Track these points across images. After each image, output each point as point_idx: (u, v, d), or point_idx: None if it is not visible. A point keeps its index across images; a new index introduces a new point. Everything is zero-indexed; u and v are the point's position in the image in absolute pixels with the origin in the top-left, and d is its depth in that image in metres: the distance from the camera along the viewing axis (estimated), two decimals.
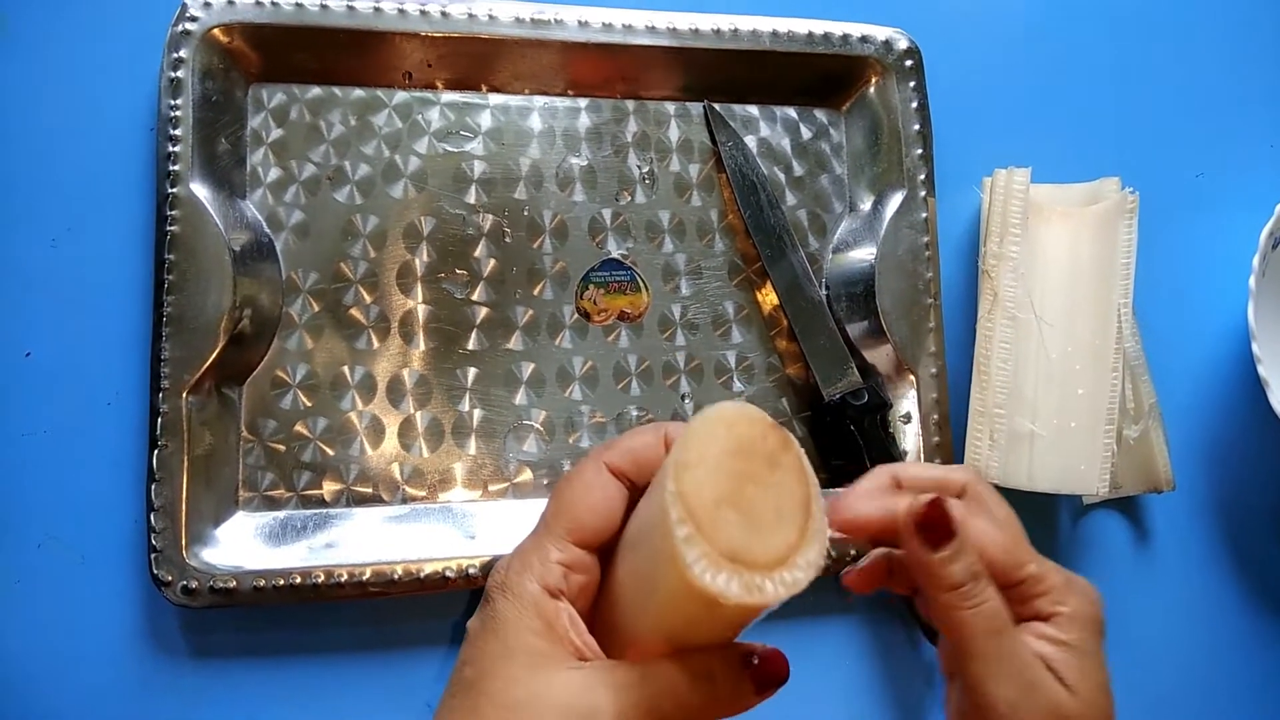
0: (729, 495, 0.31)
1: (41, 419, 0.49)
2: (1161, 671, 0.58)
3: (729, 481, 0.31)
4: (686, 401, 0.54)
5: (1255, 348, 0.53)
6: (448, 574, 0.48)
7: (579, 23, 0.54)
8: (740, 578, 0.30)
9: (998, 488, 0.51)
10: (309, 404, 0.51)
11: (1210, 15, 0.64)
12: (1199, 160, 0.63)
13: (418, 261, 0.53)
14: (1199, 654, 0.58)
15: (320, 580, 0.47)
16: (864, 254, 0.56)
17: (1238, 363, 0.60)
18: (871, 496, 0.40)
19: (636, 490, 0.39)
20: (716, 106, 0.57)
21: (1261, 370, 0.53)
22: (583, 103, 0.56)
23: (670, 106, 0.57)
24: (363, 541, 0.49)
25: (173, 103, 0.49)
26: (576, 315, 0.54)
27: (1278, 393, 0.54)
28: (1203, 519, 0.59)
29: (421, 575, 0.48)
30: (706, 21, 0.55)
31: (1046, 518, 0.58)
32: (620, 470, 0.39)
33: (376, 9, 0.52)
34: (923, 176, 0.56)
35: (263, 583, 0.47)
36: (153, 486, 0.46)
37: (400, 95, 0.54)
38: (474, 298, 0.53)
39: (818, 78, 0.58)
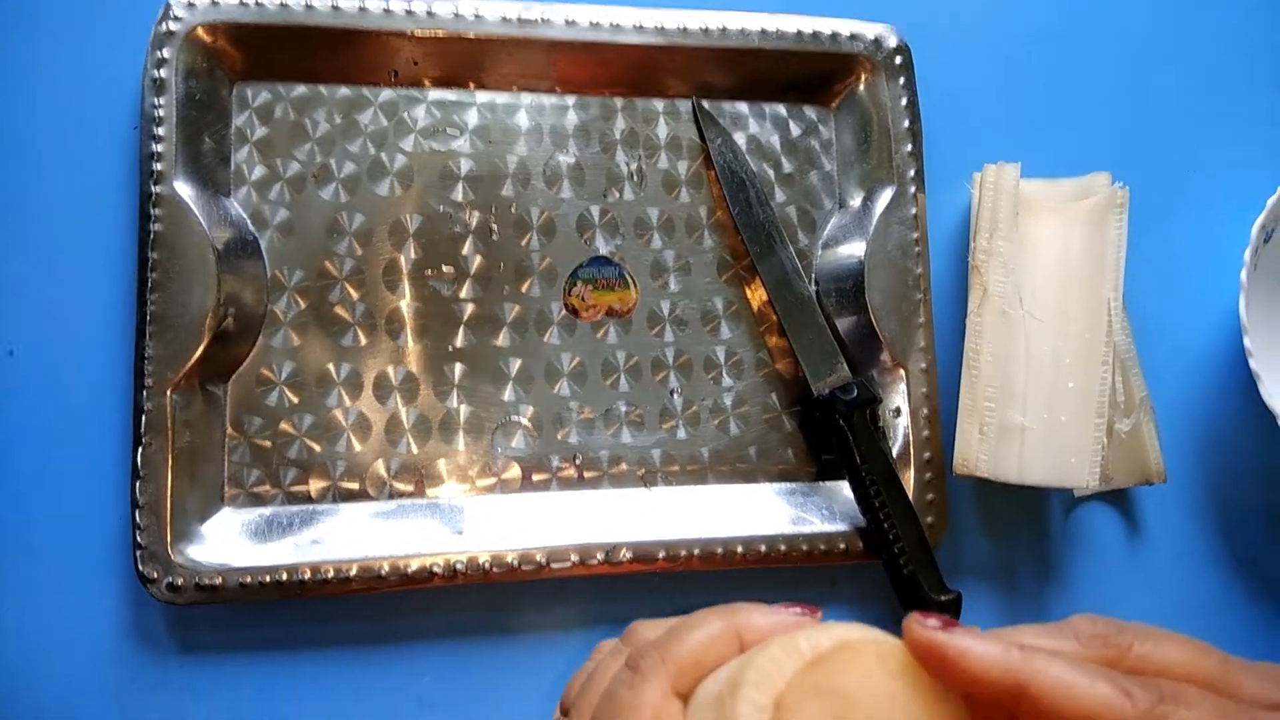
0: None
1: (25, 417, 0.49)
2: None
3: None
4: (675, 397, 0.54)
5: (1247, 341, 0.53)
6: (435, 569, 0.48)
7: (566, 21, 0.54)
8: None
9: (990, 482, 0.51)
10: (295, 401, 0.51)
11: (1202, 9, 0.64)
12: (1190, 154, 0.63)
13: (404, 259, 0.52)
14: None
15: (307, 577, 0.47)
16: (853, 250, 0.56)
17: (1229, 356, 0.60)
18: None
19: None
20: (705, 103, 0.57)
21: (1253, 364, 0.53)
22: (570, 100, 0.56)
23: (658, 103, 0.57)
24: (349, 538, 0.49)
25: (156, 101, 0.49)
26: (564, 312, 0.54)
27: (1269, 386, 0.53)
28: (1194, 511, 0.59)
29: (408, 571, 0.48)
30: (694, 19, 0.55)
31: (1037, 511, 0.57)
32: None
33: (362, 8, 0.52)
34: (912, 173, 0.56)
35: (249, 579, 0.46)
36: (137, 484, 0.46)
37: (386, 93, 0.54)
38: (461, 295, 0.53)
39: (807, 75, 0.58)
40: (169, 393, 0.47)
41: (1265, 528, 0.60)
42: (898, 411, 0.55)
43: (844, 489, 0.54)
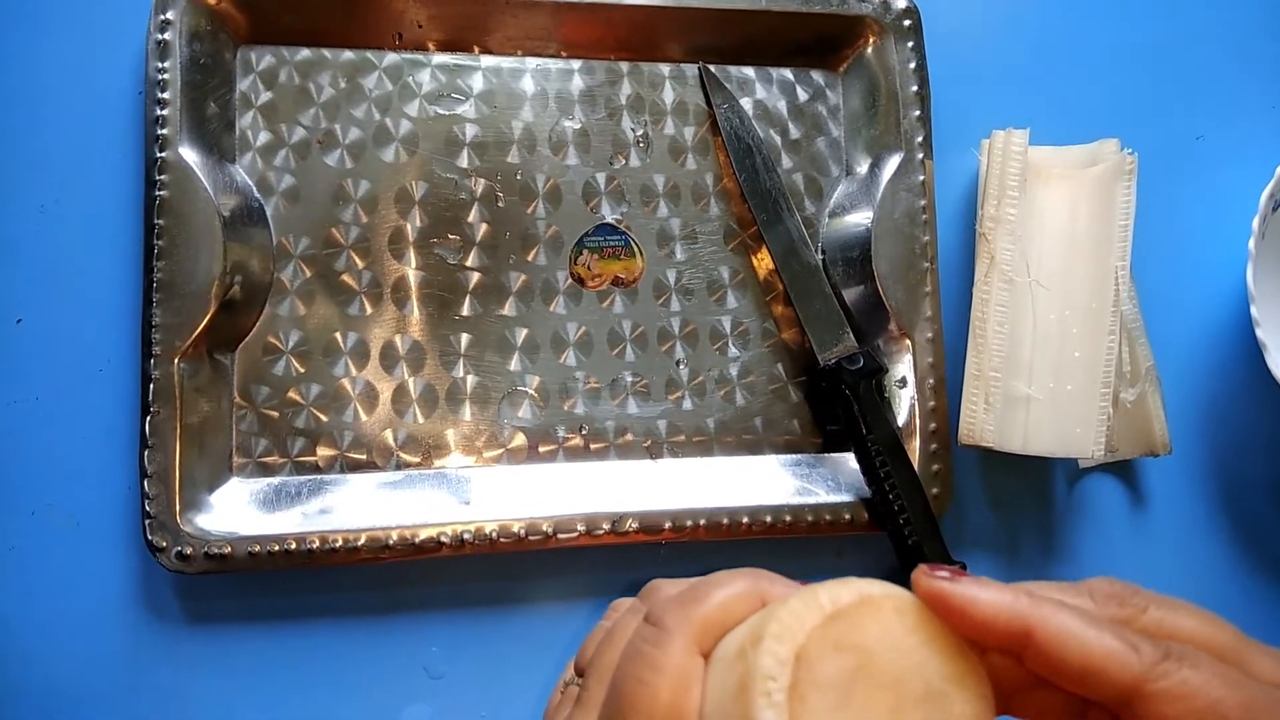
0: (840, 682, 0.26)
1: (34, 386, 0.49)
2: None
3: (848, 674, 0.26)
4: (681, 367, 0.54)
5: (1254, 310, 0.53)
6: (442, 539, 0.48)
7: None
8: None
9: (994, 453, 0.52)
10: (302, 370, 0.50)
11: None
12: (1199, 122, 0.62)
13: (410, 226, 0.52)
14: None
15: (315, 546, 0.47)
16: (860, 218, 0.55)
17: (1236, 326, 0.60)
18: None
19: None
20: (712, 68, 0.56)
21: (1260, 333, 0.53)
22: (576, 64, 0.55)
23: (665, 68, 0.56)
24: (357, 507, 0.49)
25: (160, 65, 0.48)
26: (570, 280, 0.54)
27: (1276, 356, 0.53)
28: (1199, 483, 0.59)
29: (416, 540, 0.48)
30: None
31: (1042, 482, 0.58)
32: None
33: None
34: (920, 139, 0.56)
35: (257, 548, 0.47)
36: (145, 453, 0.46)
37: (391, 57, 0.53)
38: (467, 263, 0.53)
39: (814, 38, 0.57)
40: (176, 361, 0.47)
41: (1270, 499, 0.60)
42: (903, 382, 0.55)
43: (849, 460, 0.54)
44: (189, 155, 0.48)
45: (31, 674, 0.47)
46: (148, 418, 0.46)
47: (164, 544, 0.46)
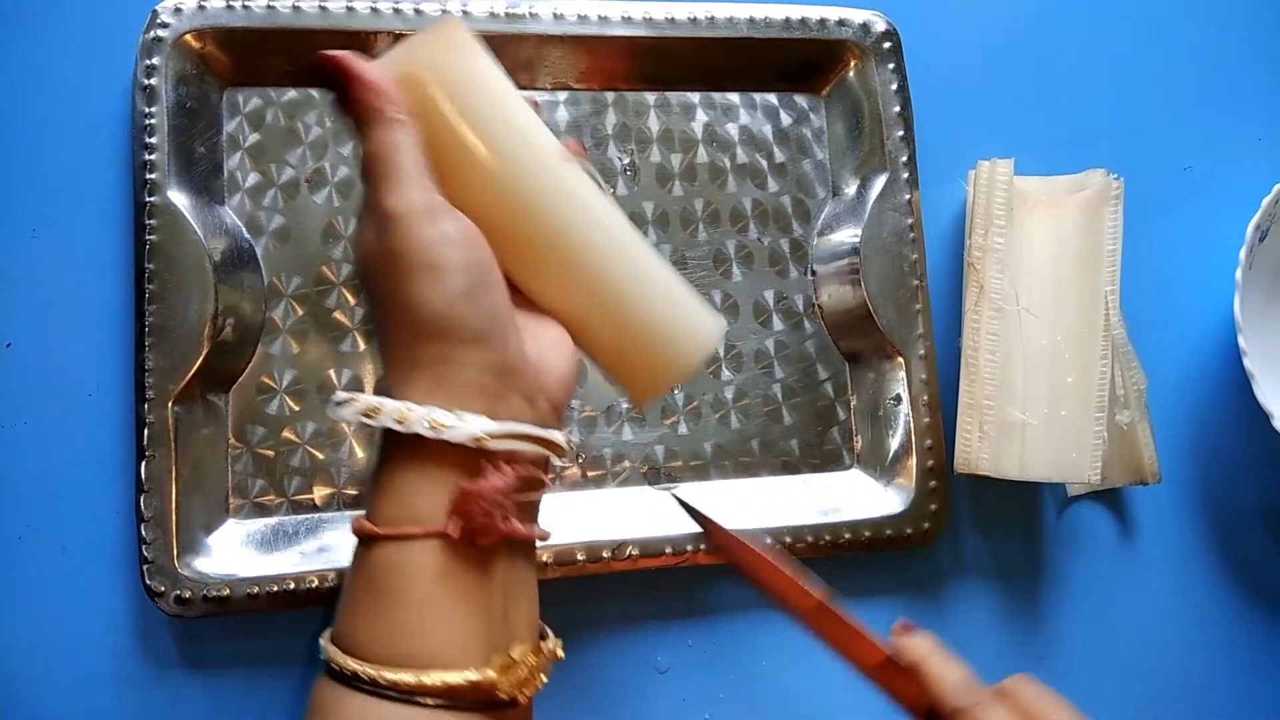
0: None
1: (22, 410, 0.49)
2: (1146, 663, 0.57)
3: None
4: (676, 392, 0.54)
5: (1241, 340, 0.53)
6: None
7: (554, 15, 0.54)
8: None
9: (985, 478, 0.51)
10: (296, 409, 0.50)
11: (1200, 7, 0.64)
12: (1187, 153, 0.63)
13: None
14: (1183, 645, 0.58)
15: (314, 585, 0.47)
16: (849, 238, 0.56)
17: (1223, 355, 0.60)
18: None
19: None
20: (696, 101, 0.56)
21: (1247, 363, 0.53)
22: (561, 96, 0.55)
23: (650, 97, 0.56)
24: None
25: (147, 110, 0.49)
26: None
27: (1263, 385, 0.54)
28: (1188, 511, 0.59)
29: None
30: (682, 10, 0.55)
31: (1031, 510, 0.58)
32: None
33: (349, 8, 0.51)
34: (905, 158, 0.56)
35: (257, 590, 0.46)
36: (141, 498, 0.46)
37: None
38: None
39: (796, 63, 0.57)
40: (170, 404, 0.47)
41: (1258, 528, 0.60)
42: (898, 399, 0.55)
43: (847, 479, 0.54)
44: (178, 199, 0.48)
45: (15, 701, 0.47)
46: (143, 462, 0.46)
47: (162, 589, 0.46)
